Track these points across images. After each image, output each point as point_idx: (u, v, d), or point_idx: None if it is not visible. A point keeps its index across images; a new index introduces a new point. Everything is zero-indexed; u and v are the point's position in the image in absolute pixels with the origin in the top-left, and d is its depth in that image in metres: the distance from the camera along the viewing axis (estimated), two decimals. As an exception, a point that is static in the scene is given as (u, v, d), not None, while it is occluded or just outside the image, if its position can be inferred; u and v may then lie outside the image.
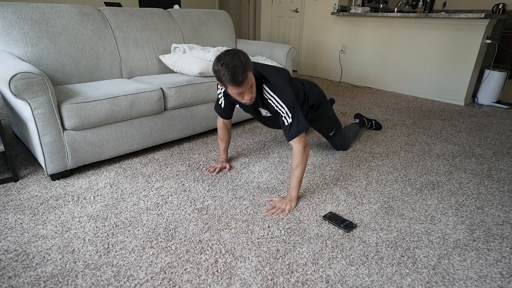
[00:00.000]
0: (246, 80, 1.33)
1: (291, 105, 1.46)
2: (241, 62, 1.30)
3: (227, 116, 1.77)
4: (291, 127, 1.47)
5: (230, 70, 1.29)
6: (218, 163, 1.87)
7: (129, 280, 1.10)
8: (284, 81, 1.52)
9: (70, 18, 2.03)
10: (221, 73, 1.31)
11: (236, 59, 1.30)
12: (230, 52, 1.33)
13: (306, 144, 1.50)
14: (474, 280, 1.14)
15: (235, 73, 1.29)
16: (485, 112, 3.18)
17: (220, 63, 1.31)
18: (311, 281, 1.12)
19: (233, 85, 1.33)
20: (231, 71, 1.29)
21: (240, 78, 1.30)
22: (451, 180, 1.84)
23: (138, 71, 2.34)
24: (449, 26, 3.31)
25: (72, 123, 1.63)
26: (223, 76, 1.31)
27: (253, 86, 1.41)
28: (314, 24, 4.57)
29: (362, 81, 4.22)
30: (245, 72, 1.32)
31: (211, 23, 2.84)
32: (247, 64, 1.33)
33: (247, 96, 1.40)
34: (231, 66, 1.29)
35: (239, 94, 1.39)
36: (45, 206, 1.49)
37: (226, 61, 1.29)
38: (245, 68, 1.31)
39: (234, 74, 1.29)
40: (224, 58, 1.31)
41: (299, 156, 1.48)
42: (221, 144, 1.88)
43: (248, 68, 1.33)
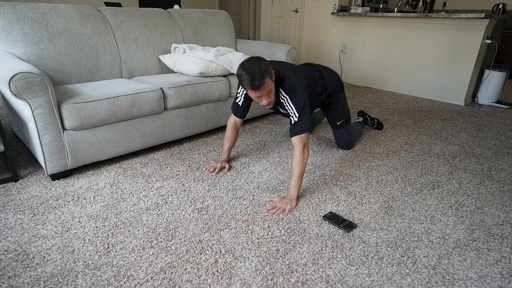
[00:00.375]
0: (263, 85, 1.45)
1: (300, 107, 1.56)
2: (260, 69, 1.42)
3: (241, 115, 1.83)
4: (295, 125, 1.57)
5: (249, 75, 1.41)
6: (218, 163, 1.87)
7: (129, 280, 1.10)
8: (300, 84, 1.61)
9: (70, 18, 2.03)
10: (242, 78, 1.44)
11: (256, 66, 1.42)
12: (252, 59, 1.46)
13: (307, 145, 1.56)
14: (474, 280, 1.14)
15: (254, 78, 1.41)
16: (485, 112, 3.18)
17: (242, 68, 1.44)
18: (311, 281, 1.12)
19: (251, 89, 1.46)
20: (250, 76, 1.41)
21: (257, 83, 1.42)
22: (451, 180, 1.84)
23: (138, 71, 2.34)
24: (449, 26, 3.31)
25: (72, 123, 1.63)
26: (243, 80, 1.44)
27: (271, 91, 1.53)
28: (314, 24, 4.57)
29: (362, 81, 4.22)
30: (263, 78, 1.43)
31: (211, 23, 2.84)
32: (266, 71, 1.44)
33: (265, 100, 1.53)
34: (250, 72, 1.41)
35: (257, 97, 1.52)
36: (45, 206, 1.49)
37: (247, 67, 1.42)
38: (263, 75, 1.43)
39: (253, 79, 1.41)
40: (246, 64, 1.44)
41: (299, 156, 1.53)
42: (226, 144, 1.90)
43: (267, 75, 1.45)
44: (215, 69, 2.25)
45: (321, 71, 1.96)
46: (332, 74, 1.99)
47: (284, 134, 2.44)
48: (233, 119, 1.86)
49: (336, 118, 2.07)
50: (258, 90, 1.46)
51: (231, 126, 1.86)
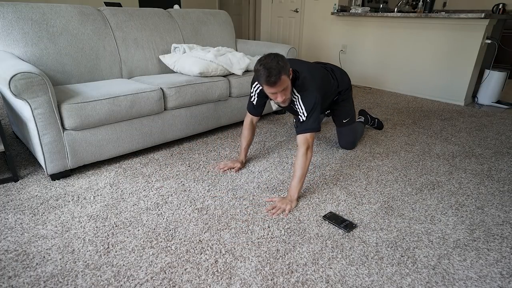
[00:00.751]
0: (279, 82, 1.44)
1: (310, 108, 1.57)
2: (278, 65, 1.41)
3: (257, 113, 1.83)
4: (302, 123, 1.58)
5: (266, 70, 1.41)
6: (232, 161, 1.89)
7: (129, 280, 1.10)
8: (313, 83, 1.61)
9: (70, 18, 2.03)
10: (259, 73, 1.44)
11: (273, 62, 1.42)
12: (271, 55, 1.45)
13: (311, 147, 1.57)
14: (474, 280, 1.14)
15: (270, 74, 1.41)
16: (485, 112, 3.18)
17: (260, 64, 1.44)
18: (311, 281, 1.12)
19: (267, 85, 1.45)
20: (267, 72, 1.41)
21: (273, 79, 1.42)
22: (451, 180, 1.84)
23: (138, 71, 2.34)
24: (449, 26, 3.31)
25: (72, 123, 1.63)
26: (260, 76, 1.44)
27: (287, 89, 1.51)
28: (314, 24, 4.57)
29: (362, 81, 4.22)
30: (279, 74, 1.42)
31: (211, 23, 2.84)
32: (283, 68, 1.43)
33: (280, 98, 1.51)
34: (267, 67, 1.41)
35: (273, 94, 1.51)
36: (45, 206, 1.49)
37: (265, 63, 1.42)
38: (279, 71, 1.42)
39: (269, 75, 1.41)
40: (264, 60, 1.44)
41: (302, 158, 1.54)
42: (243, 142, 1.89)
43: (283, 72, 1.44)
44: (215, 69, 2.25)
45: (333, 69, 1.97)
46: (342, 72, 2.01)
47: (284, 134, 2.44)
48: (249, 118, 1.85)
49: (343, 115, 2.07)
50: (274, 86, 1.45)
51: (247, 125, 1.86)
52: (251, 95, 1.79)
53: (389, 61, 3.89)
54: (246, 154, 1.93)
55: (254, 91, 1.77)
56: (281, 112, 2.93)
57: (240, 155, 1.91)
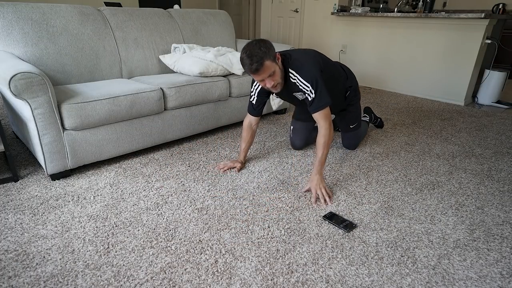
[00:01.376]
0: (262, 67, 1.41)
1: (314, 81, 1.52)
2: (259, 51, 1.38)
3: (256, 113, 1.80)
4: (313, 102, 1.55)
5: (248, 58, 1.39)
6: (232, 162, 1.87)
7: (129, 280, 1.10)
8: (307, 59, 1.57)
9: (70, 18, 2.03)
10: (243, 62, 1.42)
11: (255, 48, 1.39)
12: (253, 42, 1.42)
13: (331, 120, 1.57)
14: (474, 280, 1.14)
15: (252, 60, 1.38)
16: (485, 112, 3.18)
17: (243, 51, 1.41)
18: (311, 281, 1.12)
19: (251, 73, 1.43)
20: (249, 60, 1.39)
21: (255, 66, 1.39)
22: (451, 180, 1.84)
23: (138, 71, 2.34)
24: (449, 26, 3.31)
25: (72, 123, 1.63)
26: (244, 64, 1.42)
27: (275, 74, 1.48)
28: (314, 24, 4.57)
29: (362, 81, 4.22)
30: (261, 60, 1.39)
31: (211, 23, 2.84)
32: (265, 53, 1.40)
33: (269, 84, 1.48)
34: (249, 55, 1.39)
35: (261, 81, 1.49)
36: (45, 206, 1.49)
37: (247, 50, 1.40)
38: (261, 57, 1.39)
39: (251, 62, 1.38)
40: (246, 47, 1.42)
41: (326, 132, 1.54)
42: (242, 144, 1.87)
43: (267, 57, 1.40)
44: (215, 69, 2.25)
45: (341, 65, 1.94)
46: (350, 70, 1.97)
47: (284, 134, 2.44)
48: (248, 119, 1.82)
49: (351, 121, 2.02)
50: (258, 73, 1.43)
51: (246, 127, 1.84)
52: (251, 94, 1.77)
53: (389, 61, 3.89)
54: (246, 155, 1.92)
55: (254, 90, 1.74)
56: (281, 112, 2.93)
57: (240, 155, 1.90)
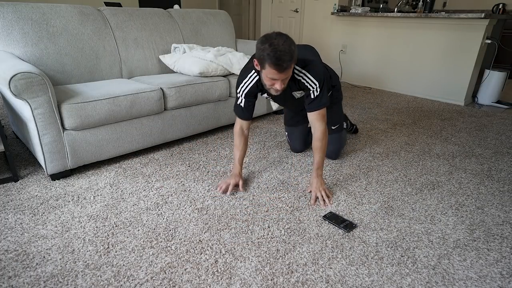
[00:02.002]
0: (289, 69, 1.29)
1: (321, 80, 1.47)
2: (291, 50, 1.25)
3: (247, 116, 1.62)
4: (314, 100, 1.50)
5: (278, 52, 1.23)
6: (231, 178, 1.64)
7: (129, 280, 1.10)
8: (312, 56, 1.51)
9: (70, 18, 2.03)
10: (265, 52, 1.24)
11: (286, 45, 1.24)
12: (283, 36, 1.27)
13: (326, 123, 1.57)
14: (474, 280, 1.14)
15: (282, 57, 1.23)
16: (485, 112, 3.18)
17: (269, 42, 1.24)
18: (311, 281, 1.12)
19: (275, 69, 1.27)
20: (278, 54, 1.23)
21: (285, 64, 1.25)
22: (451, 180, 1.84)
23: (138, 71, 2.34)
24: (449, 26, 3.31)
25: (72, 123, 1.63)
26: (267, 56, 1.24)
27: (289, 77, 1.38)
28: (314, 24, 4.58)
29: (362, 81, 4.22)
30: (291, 61, 1.27)
31: (211, 23, 2.84)
32: (294, 53, 1.28)
33: (279, 86, 1.35)
34: (280, 49, 1.23)
35: (273, 80, 1.33)
36: (45, 206, 1.49)
37: (277, 43, 1.23)
38: (292, 57, 1.26)
39: (280, 58, 1.23)
40: (275, 39, 1.24)
41: (322, 135, 1.54)
42: (236, 153, 1.68)
43: (294, 59, 1.29)
44: (215, 69, 2.25)
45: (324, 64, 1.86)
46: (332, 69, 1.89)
47: (284, 134, 2.44)
48: (239, 125, 1.65)
49: (333, 121, 1.88)
50: (282, 72, 1.28)
51: (237, 133, 1.65)
52: (238, 96, 1.59)
53: (389, 61, 3.89)
54: (242, 166, 1.72)
55: (241, 93, 1.57)
56: (281, 112, 2.93)
57: (235, 168, 1.67)
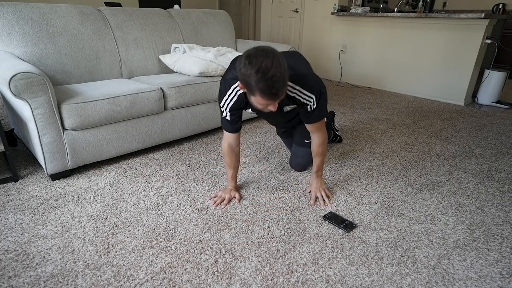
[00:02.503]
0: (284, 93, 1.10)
1: (318, 92, 1.34)
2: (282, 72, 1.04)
3: (235, 129, 1.47)
4: (313, 112, 1.39)
5: (269, 81, 1.03)
6: (226, 192, 1.57)
7: (129, 280, 1.10)
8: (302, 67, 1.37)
9: (70, 18, 2.03)
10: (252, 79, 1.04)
11: (277, 67, 1.03)
12: (268, 54, 1.04)
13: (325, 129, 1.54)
14: (474, 280, 1.14)
15: (274, 85, 1.04)
16: (485, 112, 3.18)
17: (255, 67, 1.03)
18: (311, 281, 1.12)
19: (267, 99, 1.09)
20: (270, 83, 1.04)
21: (279, 93, 1.07)
22: (451, 180, 1.84)
23: (138, 71, 2.34)
24: (449, 26, 3.31)
25: (72, 123, 1.63)
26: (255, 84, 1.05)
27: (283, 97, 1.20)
28: (314, 24, 4.57)
29: (362, 81, 4.22)
30: (285, 85, 1.07)
31: (211, 23, 2.84)
32: (286, 72, 1.07)
33: (273, 108, 1.17)
34: (270, 75, 1.02)
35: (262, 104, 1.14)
36: (45, 206, 1.49)
37: (264, 67, 1.02)
38: (285, 80, 1.07)
39: (273, 87, 1.04)
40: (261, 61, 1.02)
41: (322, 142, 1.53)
42: (229, 171, 1.58)
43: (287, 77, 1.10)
44: (215, 69, 2.25)
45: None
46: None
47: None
48: (226, 142, 1.49)
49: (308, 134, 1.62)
50: (276, 100, 1.11)
51: (227, 151, 1.51)
52: (222, 110, 1.42)
53: (389, 61, 3.89)
54: (236, 181, 1.64)
55: (224, 107, 1.40)
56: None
57: (229, 183, 1.61)
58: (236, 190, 1.62)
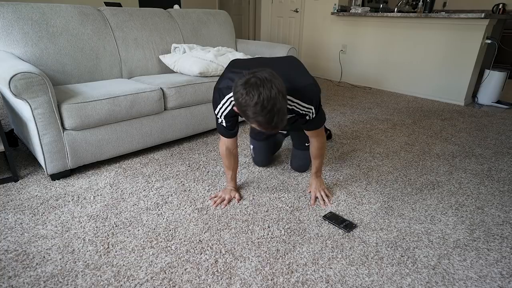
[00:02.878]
0: (283, 125, 1.06)
1: (316, 101, 1.32)
2: (283, 104, 0.99)
3: (231, 134, 1.45)
4: (313, 121, 1.39)
5: (268, 115, 0.99)
6: (226, 193, 1.58)
7: (129, 280, 1.10)
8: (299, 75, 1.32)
9: (70, 18, 2.03)
10: (250, 111, 0.99)
11: (276, 98, 0.98)
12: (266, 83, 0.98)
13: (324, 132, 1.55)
14: (474, 280, 1.14)
15: (273, 119, 1.00)
16: (485, 112, 3.18)
17: (254, 100, 0.97)
18: (311, 281, 1.12)
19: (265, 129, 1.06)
20: (268, 117, 0.99)
21: (280, 125, 1.03)
22: (451, 180, 1.84)
23: (138, 71, 2.34)
24: (449, 26, 3.31)
25: (72, 123, 1.63)
26: (253, 116, 1.00)
27: None
28: (314, 24, 4.57)
29: (362, 81, 4.22)
30: (285, 116, 1.03)
31: (211, 23, 2.84)
32: (285, 103, 1.03)
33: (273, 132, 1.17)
34: (269, 109, 0.98)
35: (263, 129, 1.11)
36: (45, 206, 1.49)
37: (263, 98, 0.97)
38: (285, 111, 1.03)
39: (272, 121, 1.01)
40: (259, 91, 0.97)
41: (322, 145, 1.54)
42: (228, 172, 1.58)
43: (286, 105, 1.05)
44: (215, 69, 2.25)
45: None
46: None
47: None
48: (224, 145, 1.49)
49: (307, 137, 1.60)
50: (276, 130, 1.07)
51: (225, 154, 1.51)
52: (217, 118, 1.40)
53: (389, 61, 3.89)
54: (236, 181, 1.64)
55: (219, 115, 1.37)
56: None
57: (229, 183, 1.62)
58: (236, 190, 1.63)
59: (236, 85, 1.04)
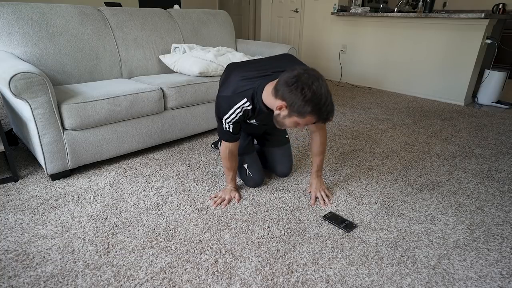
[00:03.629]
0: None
1: None
2: (331, 97, 1.17)
3: (235, 138, 1.48)
4: None
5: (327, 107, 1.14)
6: (226, 193, 1.59)
7: (129, 280, 1.10)
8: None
9: (70, 18, 2.03)
10: (309, 106, 1.12)
11: (328, 92, 1.14)
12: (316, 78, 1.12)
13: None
14: (474, 280, 1.14)
15: (329, 113, 1.16)
16: (485, 112, 3.18)
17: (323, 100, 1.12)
18: (311, 281, 1.12)
19: (321, 122, 1.19)
20: (326, 111, 1.14)
21: (332, 118, 1.20)
22: (451, 180, 1.84)
23: (138, 71, 2.34)
24: (449, 26, 3.31)
25: (72, 123, 1.63)
26: (313, 111, 1.13)
27: None
28: (314, 24, 4.57)
29: (362, 81, 4.22)
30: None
31: (211, 23, 2.84)
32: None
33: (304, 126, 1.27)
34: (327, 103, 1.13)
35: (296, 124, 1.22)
36: (45, 206, 1.49)
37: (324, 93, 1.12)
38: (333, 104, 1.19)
39: (331, 112, 1.16)
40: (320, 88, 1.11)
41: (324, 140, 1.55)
42: (229, 173, 1.60)
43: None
44: (215, 69, 2.25)
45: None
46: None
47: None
48: (227, 149, 1.50)
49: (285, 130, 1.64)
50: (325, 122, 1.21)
51: (227, 156, 1.52)
52: (224, 127, 1.41)
53: (389, 61, 3.89)
54: (236, 181, 1.65)
55: (227, 122, 1.38)
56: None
57: (229, 184, 1.62)
58: (236, 190, 1.63)
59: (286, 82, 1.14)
